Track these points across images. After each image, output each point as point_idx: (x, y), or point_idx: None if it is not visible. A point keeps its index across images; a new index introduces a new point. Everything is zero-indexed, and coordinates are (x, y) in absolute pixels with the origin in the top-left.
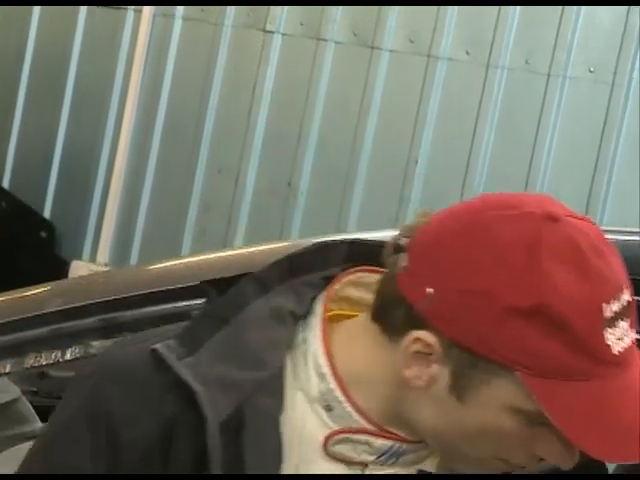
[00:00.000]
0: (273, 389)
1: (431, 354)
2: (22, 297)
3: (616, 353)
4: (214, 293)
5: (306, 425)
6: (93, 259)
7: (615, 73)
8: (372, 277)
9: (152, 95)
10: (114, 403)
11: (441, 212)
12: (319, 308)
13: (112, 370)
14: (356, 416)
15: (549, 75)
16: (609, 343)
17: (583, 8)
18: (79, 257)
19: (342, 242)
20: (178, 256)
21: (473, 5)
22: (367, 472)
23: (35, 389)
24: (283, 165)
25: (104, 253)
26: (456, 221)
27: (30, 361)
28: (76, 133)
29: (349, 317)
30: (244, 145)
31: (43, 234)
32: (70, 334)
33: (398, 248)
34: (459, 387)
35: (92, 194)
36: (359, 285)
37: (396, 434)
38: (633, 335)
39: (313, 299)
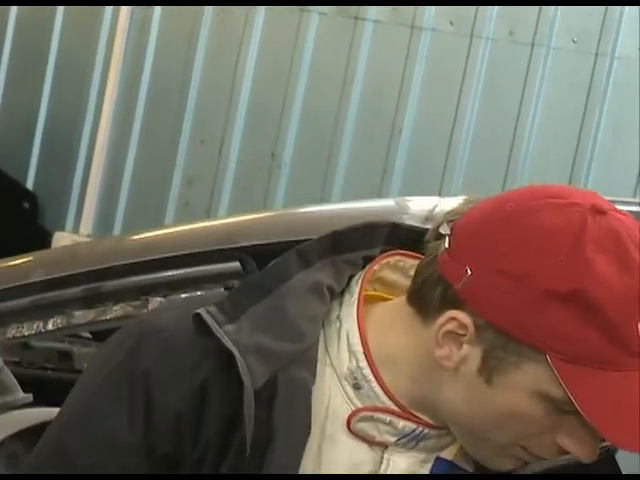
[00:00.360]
0: (307, 362)
1: (464, 335)
2: (4, 267)
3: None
4: (252, 263)
5: (333, 401)
6: (76, 230)
7: (599, 43)
8: (409, 262)
9: (135, 67)
10: (152, 365)
11: (486, 199)
12: (356, 287)
13: (152, 332)
14: (383, 396)
15: (533, 45)
16: None
17: None
18: (62, 228)
19: (385, 224)
20: (161, 226)
21: None
22: (386, 454)
23: (17, 359)
24: (266, 136)
25: (87, 224)
26: (501, 206)
27: (12, 331)
28: (59, 104)
29: (383, 299)
30: (227, 117)
31: (26, 205)
32: (52, 304)
33: (440, 235)
34: (488, 369)
35: (75, 165)
36: (396, 268)
37: (420, 418)
38: None
39: (351, 277)
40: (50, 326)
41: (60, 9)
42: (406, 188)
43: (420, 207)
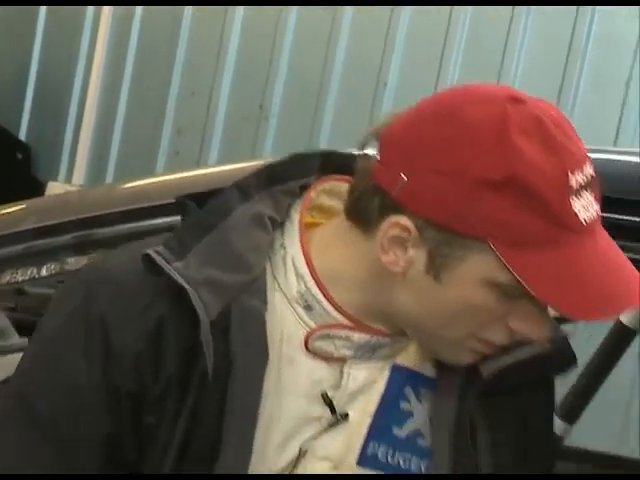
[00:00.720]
0: (257, 290)
1: (408, 238)
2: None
3: (582, 221)
4: (193, 205)
5: (286, 324)
6: (69, 180)
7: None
8: (344, 186)
9: (125, 18)
10: (106, 307)
11: (408, 108)
12: (296, 215)
13: (105, 275)
14: (335, 313)
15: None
16: (576, 211)
17: None
18: (55, 178)
19: (318, 153)
20: (152, 175)
21: None
22: (345, 367)
23: (13, 305)
24: (254, 88)
25: (80, 174)
26: (424, 109)
27: (7, 278)
28: (50, 56)
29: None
30: (216, 69)
31: (19, 155)
32: (46, 251)
33: (370, 156)
34: (436, 267)
35: (67, 116)
36: (332, 194)
37: (373, 328)
38: (597, 208)
39: (290, 207)
40: (44, 272)
41: None
42: None
43: None
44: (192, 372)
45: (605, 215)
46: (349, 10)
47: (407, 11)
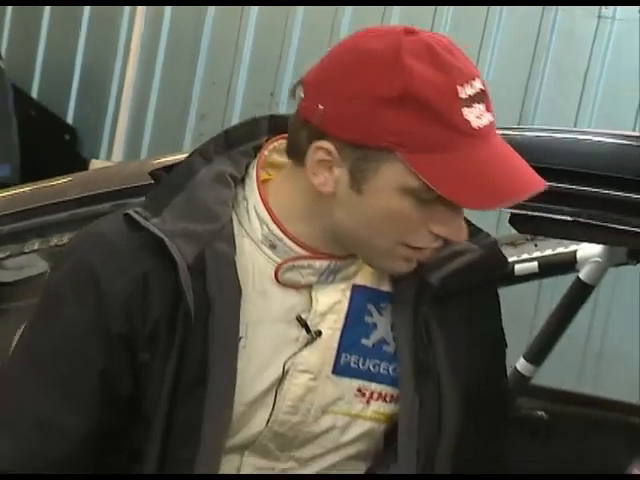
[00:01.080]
0: (226, 237)
1: (331, 159)
2: (48, 187)
3: (476, 127)
4: (164, 174)
5: (256, 264)
6: (109, 158)
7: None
8: None
9: (156, 18)
10: (98, 262)
11: None
12: (253, 171)
13: (96, 236)
14: (295, 247)
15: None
16: (468, 119)
17: None
18: (97, 156)
19: (265, 117)
20: (179, 152)
21: None
22: (313, 292)
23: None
24: (267, 78)
25: (118, 153)
26: (333, 50)
27: (54, 241)
28: (93, 52)
29: None
30: (234, 61)
31: (67, 137)
32: (87, 217)
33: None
34: (357, 181)
35: (107, 102)
36: (282, 151)
37: (330, 254)
38: (490, 117)
39: (248, 165)
40: None
41: None
42: None
43: None
44: (177, 312)
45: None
46: (349, 8)
47: (397, 11)
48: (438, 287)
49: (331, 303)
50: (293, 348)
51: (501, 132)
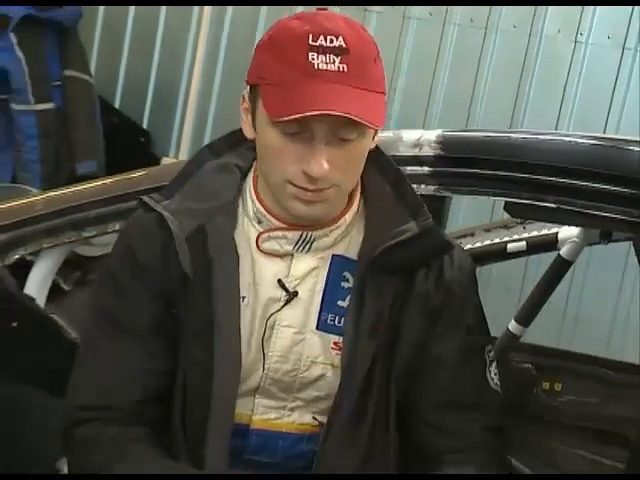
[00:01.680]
0: (227, 212)
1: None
2: (127, 179)
3: (317, 69)
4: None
5: (251, 236)
6: (176, 155)
7: (531, 27)
8: None
9: (215, 40)
10: (133, 238)
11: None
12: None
13: (130, 221)
14: (275, 221)
15: (486, 29)
16: (312, 60)
17: None
18: (167, 154)
19: None
20: None
21: None
22: (293, 260)
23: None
24: None
25: (184, 151)
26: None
27: None
28: (163, 68)
29: None
30: None
31: (142, 139)
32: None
33: None
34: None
35: (175, 110)
36: None
37: (301, 225)
38: (344, 68)
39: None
40: None
41: (162, 11)
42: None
43: (410, 136)
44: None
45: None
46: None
47: (411, 40)
48: (378, 259)
49: (308, 269)
50: (277, 306)
51: (499, 134)
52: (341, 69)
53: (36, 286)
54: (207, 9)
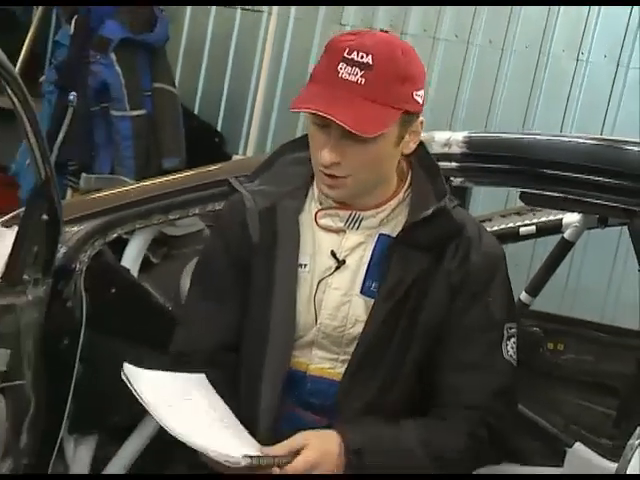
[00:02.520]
0: (295, 196)
1: None
2: (204, 172)
3: (338, 76)
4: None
5: (313, 214)
6: (244, 153)
7: (540, 46)
8: None
9: (277, 60)
10: (221, 216)
11: None
12: None
13: (228, 200)
14: (330, 200)
15: (502, 49)
16: (339, 69)
17: None
18: (237, 152)
19: None
20: None
21: None
22: (345, 235)
23: (212, 224)
24: None
25: (250, 150)
26: None
27: (209, 207)
28: (235, 80)
29: None
30: None
31: (216, 140)
32: (228, 193)
33: None
34: None
35: (244, 116)
36: None
37: (352, 206)
38: (362, 80)
39: None
40: None
41: (235, 35)
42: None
43: (441, 137)
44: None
45: None
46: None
47: (439, 61)
48: (402, 236)
49: (357, 243)
50: (329, 271)
51: (515, 136)
52: (359, 82)
53: (130, 259)
54: (271, 32)
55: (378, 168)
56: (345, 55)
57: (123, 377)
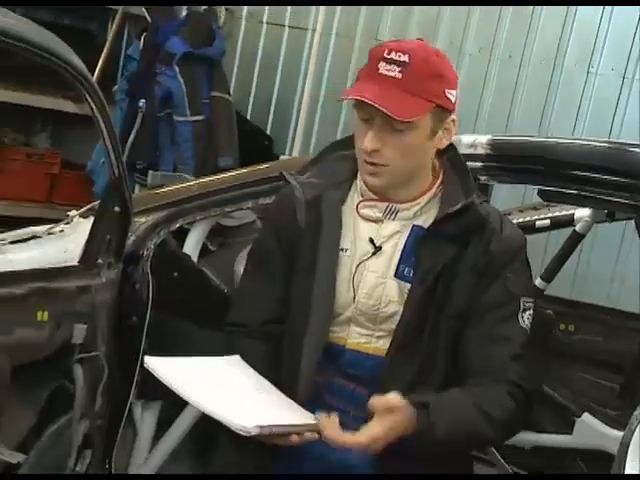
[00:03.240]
0: (340, 188)
1: None
2: (255, 170)
3: (379, 72)
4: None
5: (354, 205)
6: (290, 154)
7: (555, 60)
8: None
9: (320, 71)
10: (274, 204)
11: None
12: None
13: (279, 192)
14: (370, 193)
15: (521, 62)
16: (379, 66)
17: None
18: (284, 153)
19: None
20: None
21: None
22: (383, 225)
23: (262, 216)
24: None
25: (296, 151)
26: None
27: (261, 201)
28: (282, 89)
29: None
30: None
31: (266, 142)
32: (278, 188)
33: None
34: None
35: (290, 121)
36: None
37: (390, 199)
38: (399, 75)
39: None
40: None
41: (284, 46)
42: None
43: (467, 139)
44: (298, 229)
45: None
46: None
47: (467, 58)
48: (432, 228)
49: (393, 231)
50: (367, 255)
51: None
52: (396, 76)
53: (191, 247)
54: (314, 47)
55: (413, 158)
56: (385, 55)
57: (147, 367)
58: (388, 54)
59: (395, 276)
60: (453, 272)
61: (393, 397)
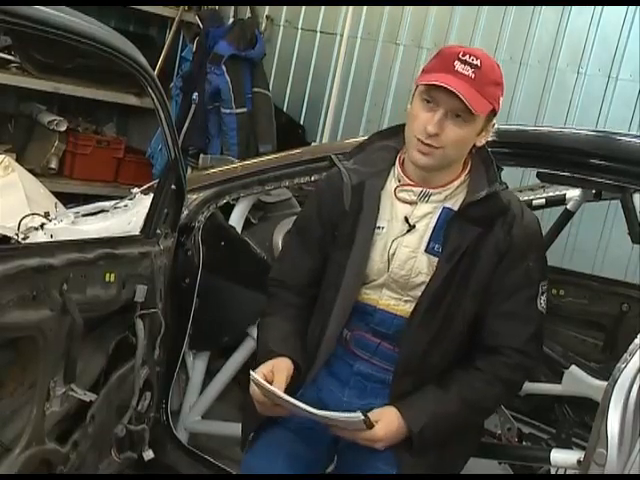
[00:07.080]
0: (380, 176)
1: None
2: (291, 154)
3: (455, 70)
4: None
5: (392, 189)
6: (320, 142)
7: (549, 61)
8: None
9: (346, 70)
10: (321, 185)
11: None
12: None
13: (326, 174)
14: (406, 179)
15: (520, 64)
16: (455, 64)
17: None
18: (314, 141)
19: None
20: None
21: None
22: (417, 207)
23: (297, 194)
24: (403, 102)
25: (325, 138)
26: None
27: (296, 180)
28: (315, 86)
29: None
30: (385, 93)
31: (300, 131)
32: (312, 169)
33: None
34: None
35: (320, 111)
36: None
37: (424, 184)
38: (472, 75)
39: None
40: (312, 179)
41: (315, 52)
42: None
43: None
44: (343, 209)
45: None
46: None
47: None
48: (460, 211)
49: (425, 212)
50: (401, 233)
51: (533, 128)
52: (470, 76)
53: (236, 220)
54: (342, 50)
55: (461, 148)
56: (460, 57)
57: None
58: (463, 56)
59: (425, 251)
60: (477, 250)
61: (379, 429)
